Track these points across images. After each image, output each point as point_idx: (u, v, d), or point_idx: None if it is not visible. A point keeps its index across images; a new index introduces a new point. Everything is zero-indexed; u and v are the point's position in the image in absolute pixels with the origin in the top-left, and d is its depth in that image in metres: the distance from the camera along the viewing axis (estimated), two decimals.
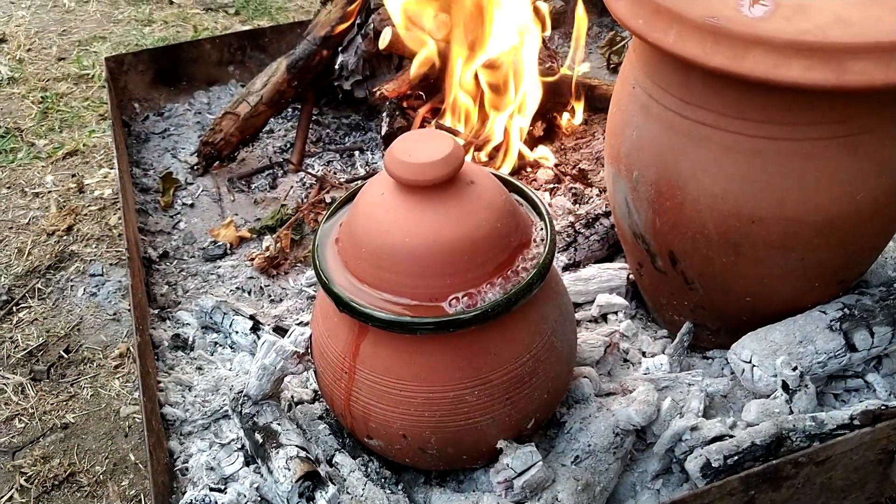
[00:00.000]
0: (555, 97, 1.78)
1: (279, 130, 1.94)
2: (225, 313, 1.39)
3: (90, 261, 1.80)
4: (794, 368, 1.12)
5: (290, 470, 1.03)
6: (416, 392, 1.01)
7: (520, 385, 1.03)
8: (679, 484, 1.13)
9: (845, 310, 1.18)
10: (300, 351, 1.11)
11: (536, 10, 1.72)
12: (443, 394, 1.00)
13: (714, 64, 0.97)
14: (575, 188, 1.65)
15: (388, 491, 1.10)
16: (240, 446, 1.14)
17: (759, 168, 1.05)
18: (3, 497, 1.36)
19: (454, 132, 1.66)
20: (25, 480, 1.37)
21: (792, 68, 0.94)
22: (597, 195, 1.62)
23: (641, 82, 1.14)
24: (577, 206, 1.60)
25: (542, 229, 1.07)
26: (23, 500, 1.35)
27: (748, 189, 1.06)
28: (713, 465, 1.06)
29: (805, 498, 1.07)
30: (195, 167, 1.81)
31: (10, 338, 1.64)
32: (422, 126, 1.68)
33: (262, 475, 1.09)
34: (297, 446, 1.06)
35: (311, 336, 1.13)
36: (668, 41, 1.01)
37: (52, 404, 1.50)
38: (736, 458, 1.06)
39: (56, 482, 1.38)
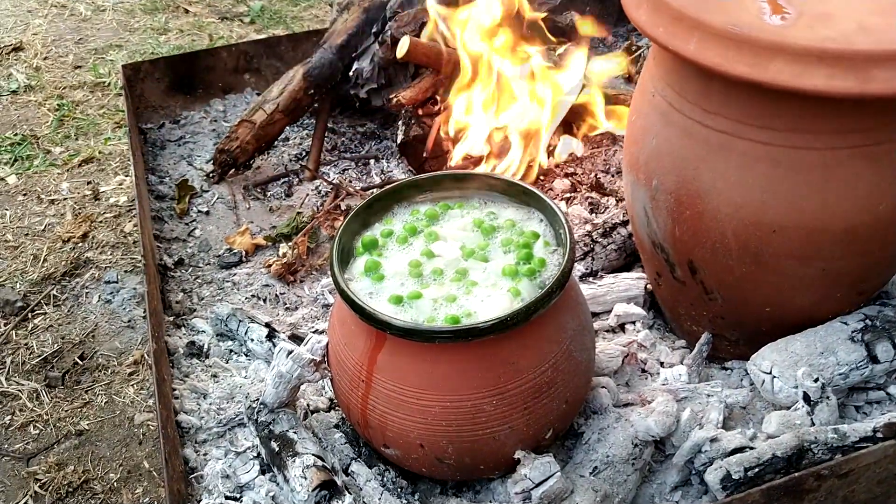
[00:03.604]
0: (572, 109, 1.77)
1: (294, 138, 1.94)
2: (240, 321, 1.38)
3: (105, 268, 1.80)
4: (816, 380, 1.11)
5: (306, 479, 1.02)
6: (434, 401, 1.00)
7: (538, 395, 1.02)
8: (698, 496, 1.12)
9: (867, 321, 1.17)
10: (317, 359, 1.10)
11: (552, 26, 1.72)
12: (460, 403, 1.00)
13: (736, 72, 0.96)
14: (591, 197, 1.64)
15: (405, 501, 1.09)
16: (255, 454, 1.13)
17: (779, 177, 1.04)
18: (17, 503, 1.36)
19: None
20: (40, 487, 1.37)
21: (815, 76, 0.93)
22: (613, 205, 1.61)
23: (661, 90, 1.13)
24: (594, 215, 1.59)
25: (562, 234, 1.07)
26: None
27: (769, 198, 1.06)
28: (733, 477, 1.05)
29: None
30: (211, 175, 1.81)
31: (26, 344, 1.64)
32: (437, 137, 1.68)
33: (277, 484, 1.08)
34: (313, 455, 1.06)
35: (327, 344, 1.12)
36: (689, 49, 1.00)
37: (66, 411, 1.50)
38: (757, 470, 1.05)
39: (70, 489, 1.37)
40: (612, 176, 1.73)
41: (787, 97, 0.97)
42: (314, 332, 1.40)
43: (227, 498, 1.08)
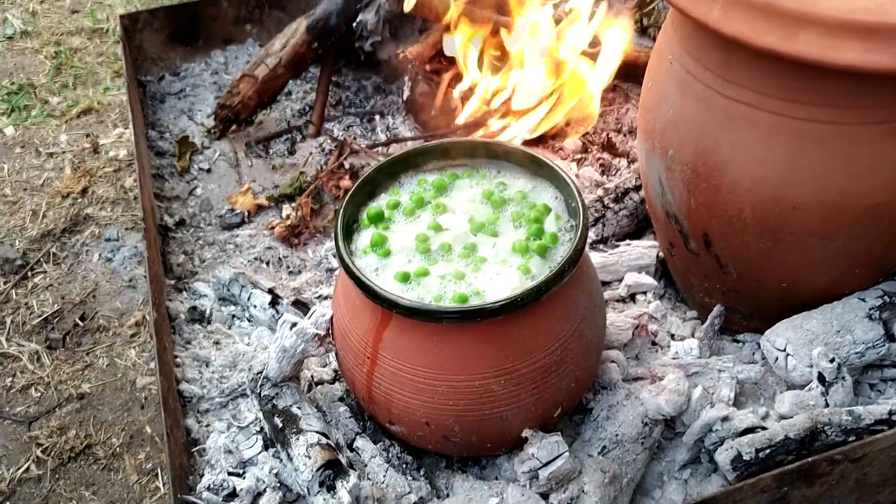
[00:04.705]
0: None
1: (298, 93, 1.89)
2: (243, 286, 1.35)
3: (105, 224, 1.77)
4: (832, 360, 1.08)
5: (310, 458, 1.00)
6: (441, 381, 0.97)
7: (547, 374, 0.99)
8: (707, 474, 1.10)
9: (885, 297, 1.14)
10: (321, 333, 1.08)
11: None
12: (468, 383, 0.97)
13: (763, 44, 0.92)
14: (602, 158, 1.60)
15: (410, 477, 1.08)
16: (258, 429, 1.11)
17: (803, 152, 1.00)
18: (19, 468, 1.35)
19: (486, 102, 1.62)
20: (42, 452, 1.36)
21: (848, 50, 0.88)
22: (625, 166, 1.57)
23: (679, 57, 1.08)
24: (605, 177, 1.55)
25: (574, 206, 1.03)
26: (39, 472, 1.34)
27: (790, 174, 1.01)
28: (744, 457, 1.03)
29: (838, 494, 1.04)
30: (212, 130, 1.76)
31: (26, 304, 1.62)
32: (447, 93, 1.63)
33: (281, 460, 1.06)
34: (317, 432, 1.04)
35: (332, 317, 1.09)
36: (712, 17, 0.95)
37: (67, 374, 1.49)
38: (768, 451, 1.03)
39: (72, 454, 1.36)
40: (625, 135, 1.69)
41: (816, 70, 0.92)
42: (318, 298, 1.37)
43: (230, 474, 1.06)
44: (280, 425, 1.06)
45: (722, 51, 1.01)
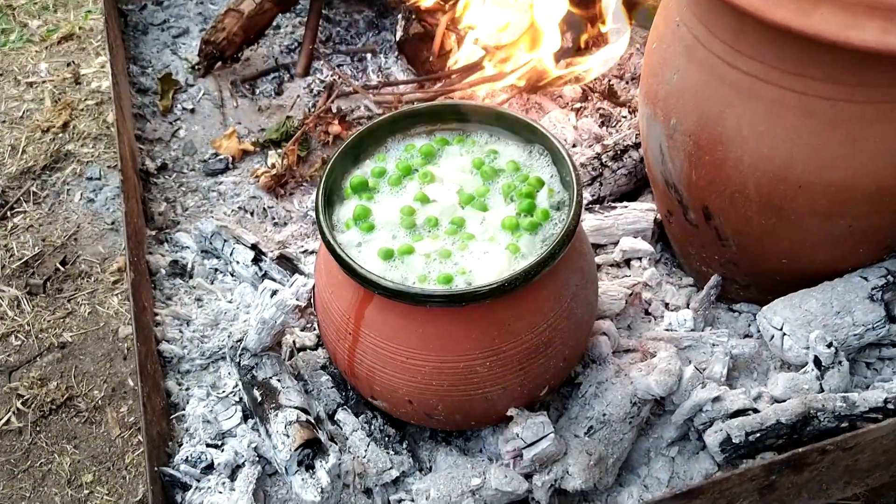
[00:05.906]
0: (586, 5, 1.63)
1: (286, 26, 1.80)
2: (225, 240, 1.31)
3: (87, 162, 1.72)
4: (830, 345, 1.04)
5: (288, 437, 0.97)
6: (424, 361, 0.94)
7: (534, 355, 0.96)
8: (695, 452, 1.08)
9: (889, 277, 1.10)
10: (302, 304, 1.04)
11: None
12: (452, 364, 0.94)
13: (775, 18, 0.85)
14: (602, 108, 1.53)
15: (392, 451, 1.06)
16: (238, 399, 1.09)
17: (812, 130, 0.94)
18: (0, 420, 1.33)
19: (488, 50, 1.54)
20: (22, 404, 1.34)
21: (865, 30, 0.82)
22: (626, 116, 1.51)
23: (687, 20, 1.02)
24: (605, 129, 1.49)
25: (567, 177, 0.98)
26: (20, 425, 1.33)
27: (798, 151, 0.96)
28: (734, 440, 1.01)
29: (827, 479, 1.02)
30: (196, 67, 1.69)
31: (6, 245, 1.57)
32: (444, 36, 1.55)
33: (260, 434, 1.04)
34: (296, 408, 1.01)
35: (313, 286, 1.06)
36: None
37: (48, 321, 1.46)
38: (758, 434, 1.01)
39: (53, 406, 1.35)
40: (627, 83, 1.62)
41: (831, 47, 0.86)
42: (303, 253, 1.33)
43: (208, 445, 1.04)
44: (259, 399, 1.03)
45: (732, 19, 0.94)
